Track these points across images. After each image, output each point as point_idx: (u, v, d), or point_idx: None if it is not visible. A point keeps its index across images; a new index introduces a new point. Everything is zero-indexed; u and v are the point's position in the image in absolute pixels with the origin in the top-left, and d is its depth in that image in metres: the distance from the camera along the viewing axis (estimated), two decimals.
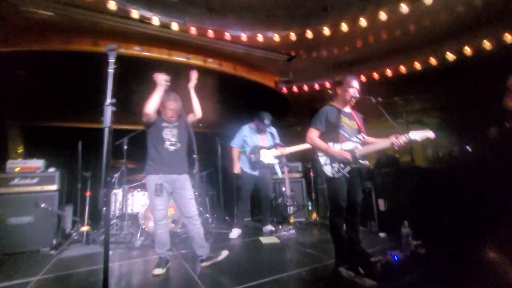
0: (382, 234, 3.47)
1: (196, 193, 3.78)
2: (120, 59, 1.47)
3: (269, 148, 3.95)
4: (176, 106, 2.56)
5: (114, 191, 4.18)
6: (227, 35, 3.66)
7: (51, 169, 3.69)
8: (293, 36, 3.83)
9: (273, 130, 4.07)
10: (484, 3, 3.26)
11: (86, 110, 4.91)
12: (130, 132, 3.92)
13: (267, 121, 3.85)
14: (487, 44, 3.84)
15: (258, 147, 3.90)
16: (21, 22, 3.18)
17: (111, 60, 1.26)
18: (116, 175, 4.18)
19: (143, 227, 3.63)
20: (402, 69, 4.63)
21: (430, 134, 2.29)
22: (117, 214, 4.06)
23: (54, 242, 3.37)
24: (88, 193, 3.72)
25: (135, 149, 4.06)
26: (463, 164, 3.76)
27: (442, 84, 4.86)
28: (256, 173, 3.87)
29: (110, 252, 3.10)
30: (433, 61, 4.35)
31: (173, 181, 2.49)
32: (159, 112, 2.53)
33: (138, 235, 3.54)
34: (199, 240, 2.53)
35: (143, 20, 3.22)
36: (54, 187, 3.60)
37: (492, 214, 2.84)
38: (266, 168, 3.93)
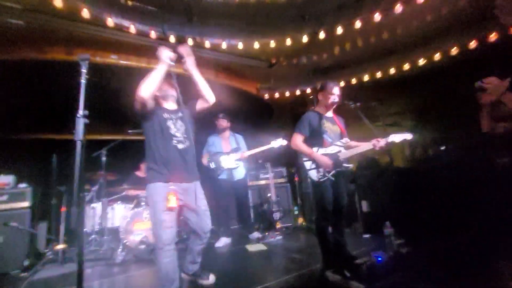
0: (366, 235, 3.54)
1: None
2: (97, 67, 1.42)
3: (228, 153, 3.96)
4: (177, 92, 2.08)
5: (92, 205, 3.98)
6: (207, 43, 3.65)
7: (22, 185, 3.46)
8: (273, 44, 3.89)
9: (237, 136, 4.12)
10: (450, 13, 3.50)
11: (60, 121, 4.68)
12: (109, 142, 3.77)
13: (223, 121, 3.96)
14: (454, 50, 4.11)
15: (217, 154, 3.93)
16: None
17: (84, 70, 1.20)
18: (94, 188, 3.99)
19: (125, 242, 3.47)
20: (378, 74, 4.83)
21: (407, 136, 2.39)
22: (96, 229, 3.86)
23: (26, 263, 3.13)
24: (63, 209, 3.52)
25: (114, 160, 3.91)
26: (438, 163, 3.94)
27: (416, 88, 5.12)
28: (224, 176, 3.85)
29: (89, 270, 2.96)
30: (406, 66, 4.57)
31: (184, 190, 1.96)
32: (155, 101, 2.04)
33: (119, 250, 3.38)
34: (196, 255, 2.19)
35: (119, 28, 3.14)
36: (25, 204, 3.37)
37: (468, 210, 3.00)
38: (230, 173, 3.93)
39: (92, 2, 2.82)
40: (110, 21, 3.04)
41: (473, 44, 3.91)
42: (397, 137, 2.36)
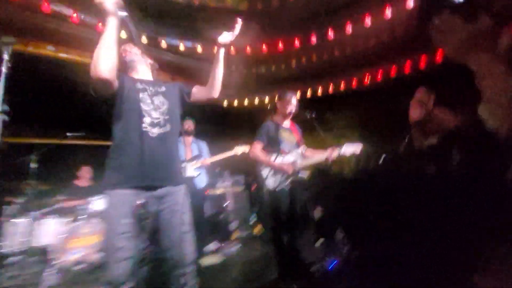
0: (319, 242, 3.67)
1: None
2: (28, 59, 1.18)
3: (189, 161, 3.77)
4: (148, 60, 1.59)
5: (13, 220, 3.35)
6: (164, 43, 3.47)
7: None
8: (233, 52, 3.89)
9: (200, 143, 3.91)
10: (388, 38, 3.95)
11: None
12: (40, 147, 3.26)
13: (189, 124, 3.75)
14: (392, 71, 4.64)
15: None
16: None
17: (6, 57, 0.99)
18: (19, 201, 3.37)
19: (58, 261, 2.97)
20: (330, 88, 5.19)
21: (357, 148, 2.57)
22: (17, 250, 3.23)
23: None
24: None
25: (47, 167, 3.40)
26: (379, 172, 4.34)
27: (362, 103, 5.62)
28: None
29: None
30: (354, 82, 5.00)
31: (158, 199, 1.37)
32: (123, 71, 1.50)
33: (46, 273, 2.87)
34: None
35: (58, 16, 2.75)
36: None
37: (406, 215, 3.33)
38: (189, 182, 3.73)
39: None
40: (46, 7, 2.63)
41: (407, 66, 4.46)
42: (348, 149, 2.52)
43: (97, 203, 3.30)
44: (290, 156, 2.53)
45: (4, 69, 0.98)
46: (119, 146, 1.34)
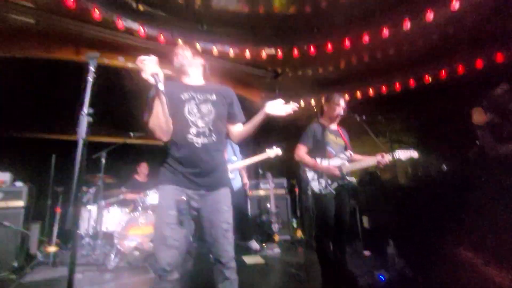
0: (367, 253, 3.44)
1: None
2: (103, 69, 1.38)
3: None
4: (200, 61, 1.59)
5: (88, 207, 3.91)
6: (215, 50, 3.67)
7: (18, 183, 3.40)
8: (280, 54, 3.91)
9: (234, 146, 3.91)
10: (455, 32, 3.52)
11: (62, 121, 4.67)
12: (109, 145, 3.74)
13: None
14: (459, 68, 4.12)
15: None
16: (1, 27, 3.02)
17: (92, 68, 1.18)
18: (92, 190, 3.93)
19: (118, 247, 3.38)
20: (383, 89, 4.84)
21: (414, 153, 2.35)
22: (90, 233, 3.77)
23: (16, 265, 3.04)
24: (58, 210, 3.45)
25: (113, 163, 3.86)
26: (440, 182, 3.88)
27: (421, 105, 5.11)
28: None
29: (80, 276, 2.85)
30: (411, 82, 4.58)
31: (201, 197, 1.47)
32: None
33: (112, 255, 3.28)
34: None
35: (129, 31, 3.16)
36: (20, 203, 3.29)
37: (469, 231, 2.91)
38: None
39: (105, 5, 2.85)
40: (121, 24, 3.08)
41: (479, 64, 3.91)
42: (402, 154, 2.32)
43: (152, 197, 3.64)
44: (336, 160, 2.43)
45: (90, 79, 1.17)
46: (169, 152, 1.46)
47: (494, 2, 2.83)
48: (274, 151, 3.65)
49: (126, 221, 3.45)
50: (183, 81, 1.57)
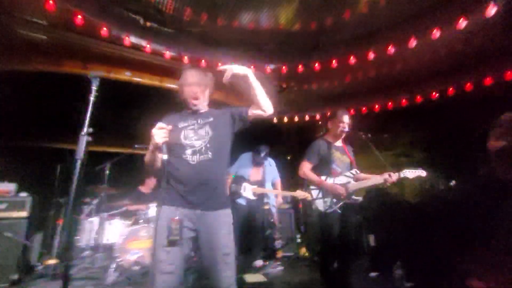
0: (373, 274, 3.31)
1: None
2: (109, 82, 1.40)
3: (252, 183, 3.77)
4: (200, 81, 1.59)
5: (90, 218, 3.88)
6: (220, 66, 3.70)
7: (23, 194, 3.41)
8: (285, 70, 3.93)
9: (271, 161, 3.93)
10: (463, 49, 3.50)
11: (69, 131, 4.73)
12: (114, 155, 3.75)
13: (262, 154, 3.73)
14: (467, 85, 4.06)
15: (242, 178, 3.76)
16: (10, 43, 3.12)
17: (94, 87, 1.19)
18: (95, 202, 3.91)
19: (119, 260, 3.32)
20: (389, 104, 4.80)
21: (422, 173, 2.29)
22: (90, 245, 3.72)
23: (15, 277, 3.00)
24: (60, 221, 3.43)
25: (118, 174, 3.87)
26: (448, 199, 3.76)
27: (427, 120, 5.04)
28: (242, 201, 3.69)
29: None
30: (418, 98, 4.54)
31: (198, 218, 1.44)
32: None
33: (112, 270, 3.22)
34: None
35: (136, 47, 3.24)
36: (24, 213, 3.29)
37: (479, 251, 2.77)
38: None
39: (113, 22, 2.93)
40: (128, 40, 3.15)
41: (488, 81, 3.86)
42: (410, 173, 2.26)
43: (154, 210, 3.60)
44: (342, 178, 2.38)
45: (92, 98, 1.18)
46: (166, 173, 1.45)
47: (502, 20, 2.81)
48: (302, 194, 3.53)
49: (127, 234, 3.41)
50: (185, 108, 1.64)
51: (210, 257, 1.40)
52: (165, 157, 1.36)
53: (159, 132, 1.34)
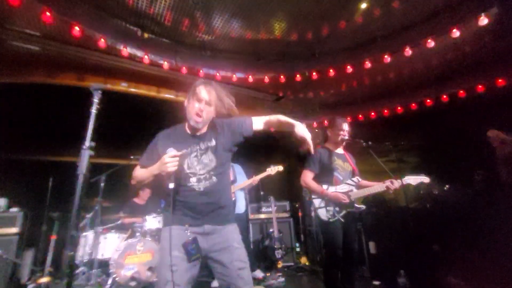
0: (376, 282, 3.27)
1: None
2: (105, 93, 1.34)
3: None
4: (212, 102, 1.49)
5: (84, 233, 3.75)
6: (218, 76, 3.71)
7: (14, 209, 3.28)
8: (282, 79, 3.94)
9: (235, 166, 3.80)
10: (456, 57, 3.59)
11: (61, 143, 4.61)
12: (108, 166, 3.66)
13: None
14: (460, 93, 4.16)
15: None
16: (4, 55, 3.05)
17: (96, 100, 1.16)
18: (89, 215, 3.79)
19: (114, 277, 3.20)
20: (385, 112, 4.86)
21: (425, 179, 2.29)
22: (84, 260, 3.58)
23: None
24: (53, 237, 3.30)
25: (111, 185, 3.77)
26: (444, 203, 3.77)
27: (422, 126, 5.12)
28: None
29: None
30: (413, 105, 4.61)
31: (207, 234, 1.42)
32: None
33: (107, 286, 3.10)
34: None
35: (133, 58, 3.21)
36: (14, 230, 3.17)
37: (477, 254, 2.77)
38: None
39: (110, 33, 2.90)
40: (125, 52, 3.12)
41: (481, 88, 3.95)
42: (413, 180, 2.26)
43: (151, 222, 3.51)
44: (344, 186, 2.37)
45: (94, 111, 1.14)
46: (172, 195, 1.40)
47: (493, 28, 2.90)
48: (275, 168, 3.53)
49: (123, 248, 3.29)
50: (187, 128, 1.55)
51: (225, 274, 1.37)
52: (171, 185, 1.33)
53: (172, 161, 1.30)
